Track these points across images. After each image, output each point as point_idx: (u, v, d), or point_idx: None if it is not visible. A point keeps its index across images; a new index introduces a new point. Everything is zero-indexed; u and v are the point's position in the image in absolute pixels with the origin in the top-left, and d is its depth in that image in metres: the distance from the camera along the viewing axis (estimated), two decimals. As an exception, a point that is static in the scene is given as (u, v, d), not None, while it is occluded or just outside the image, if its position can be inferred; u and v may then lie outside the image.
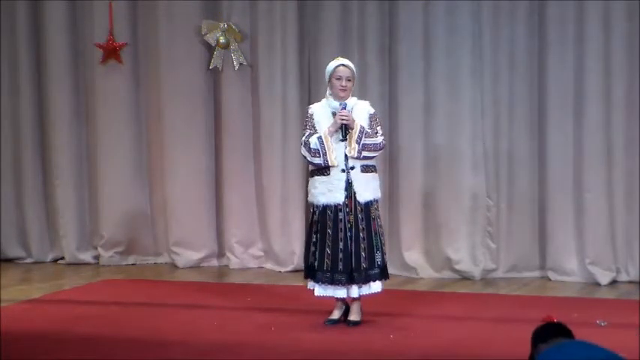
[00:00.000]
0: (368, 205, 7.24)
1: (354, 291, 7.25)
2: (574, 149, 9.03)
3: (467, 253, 9.32)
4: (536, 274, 9.29)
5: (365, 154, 7.20)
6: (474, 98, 9.25)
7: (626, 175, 8.93)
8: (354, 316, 7.35)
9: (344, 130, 7.19)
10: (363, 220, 7.21)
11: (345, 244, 7.20)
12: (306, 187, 7.58)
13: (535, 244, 9.29)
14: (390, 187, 9.48)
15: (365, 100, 7.52)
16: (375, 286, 7.27)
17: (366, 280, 7.23)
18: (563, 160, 9.07)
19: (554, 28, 9.00)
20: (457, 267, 9.33)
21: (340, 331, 7.21)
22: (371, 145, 7.20)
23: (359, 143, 7.16)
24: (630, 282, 8.93)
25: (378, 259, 7.24)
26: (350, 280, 7.21)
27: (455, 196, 9.33)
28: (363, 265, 7.20)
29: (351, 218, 7.20)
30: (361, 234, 7.20)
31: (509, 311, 7.86)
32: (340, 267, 7.20)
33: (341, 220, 7.21)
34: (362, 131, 7.17)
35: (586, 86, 8.94)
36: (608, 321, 7.33)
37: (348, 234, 7.20)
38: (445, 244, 9.37)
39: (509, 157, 9.27)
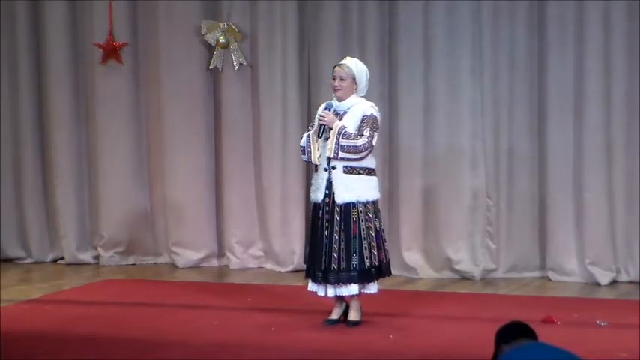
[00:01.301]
0: (348, 206, 7.19)
1: (330, 290, 7.25)
2: (574, 149, 9.03)
3: (467, 253, 9.32)
4: (536, 274, 9.28)
5: (343, 155, 7.16)
6: (473, 98, 9.25)
7: (626, 175, 8.93)
8: (353, 316, 7.35)
9: (322, 130, 7.23)
10: (341, 222, 7.19)
11: (320, 243, 7.23)
12: (307, 186, 7.61)
13: (535, 244, 9.29)
14: (390, 187, 9.47)
15: (370, 101, 7.46)
16: (353, 288, 7.23)
17: (339, 281, 7.19)
18: (563, 160, 9.07)
19: (554, 28, 9.00)
20: (457, 267, 9.33)
21: (340, 331, 7.21)
22: (350, 147, 7.15)
23: (337, 144, 7.17)
24: (630, 282, 8.93)
25: (355, 262, 7.17)
26: (325, 279, 7.22)
27: (455, 195, 9.33)
28: (334, 265, 7.18)
29: (329, 218, 7.22)
30: (336, 235, 7.19)
31: (509, 311, 7.83)
32: (316, 264, 7.24)
33: (319, 218, 7.25)
34: (340, 132, 7.16)
35: (586, 86, 8.93)
36: (608, 321, 7.33)
37: (325, 233, 7.22)
38: (445, 244, 9.36)
39: (509, 157, 9.27)
